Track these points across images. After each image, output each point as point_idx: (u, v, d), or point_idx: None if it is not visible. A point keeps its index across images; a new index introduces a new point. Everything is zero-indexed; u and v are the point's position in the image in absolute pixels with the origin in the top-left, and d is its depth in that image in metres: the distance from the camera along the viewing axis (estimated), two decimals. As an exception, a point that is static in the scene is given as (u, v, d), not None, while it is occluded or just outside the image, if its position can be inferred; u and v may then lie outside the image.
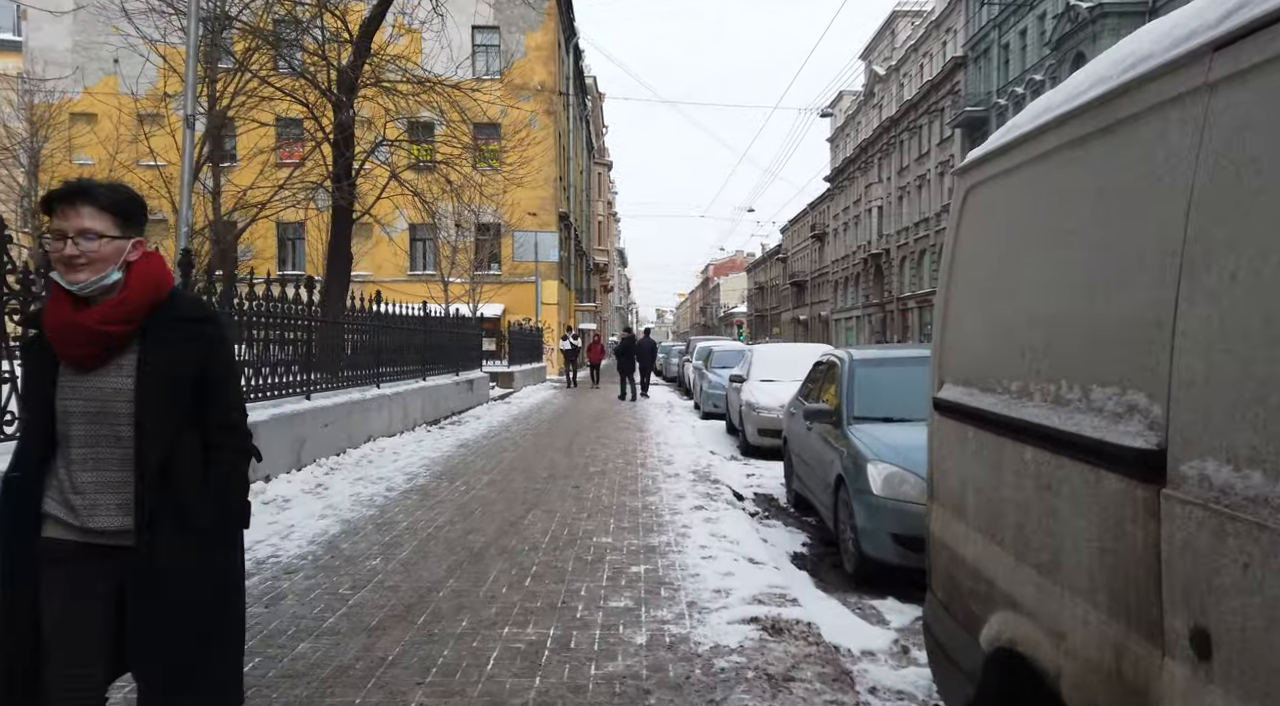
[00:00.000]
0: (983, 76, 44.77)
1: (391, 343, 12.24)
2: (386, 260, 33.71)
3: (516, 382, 23.31)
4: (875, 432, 5.68)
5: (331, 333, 9.75)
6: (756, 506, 7.97)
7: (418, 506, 7.01)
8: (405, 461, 9.49)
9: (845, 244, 71.28)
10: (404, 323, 12.72)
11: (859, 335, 67.06)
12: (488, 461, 9.72)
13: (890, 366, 6.65)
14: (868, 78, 65.19)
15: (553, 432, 13.06)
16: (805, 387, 8.05)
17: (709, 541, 5.81)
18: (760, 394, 11.61)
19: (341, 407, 9.36)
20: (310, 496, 7.33)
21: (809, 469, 6.87)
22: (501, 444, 11.50)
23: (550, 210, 35.86)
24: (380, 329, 11.54)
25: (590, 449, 11.02)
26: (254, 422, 7.49)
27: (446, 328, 15.63)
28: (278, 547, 5.53)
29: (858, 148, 67.06)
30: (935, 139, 51.37)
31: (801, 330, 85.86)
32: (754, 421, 11.33)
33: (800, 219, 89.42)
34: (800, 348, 14.48)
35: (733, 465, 10.55)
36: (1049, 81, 37.48)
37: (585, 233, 53.76)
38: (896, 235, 58.44)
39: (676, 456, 10.37)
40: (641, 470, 9.19)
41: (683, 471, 9.13)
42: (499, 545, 5.69)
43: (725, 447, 12.45)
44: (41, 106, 28.32)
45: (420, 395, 12.94)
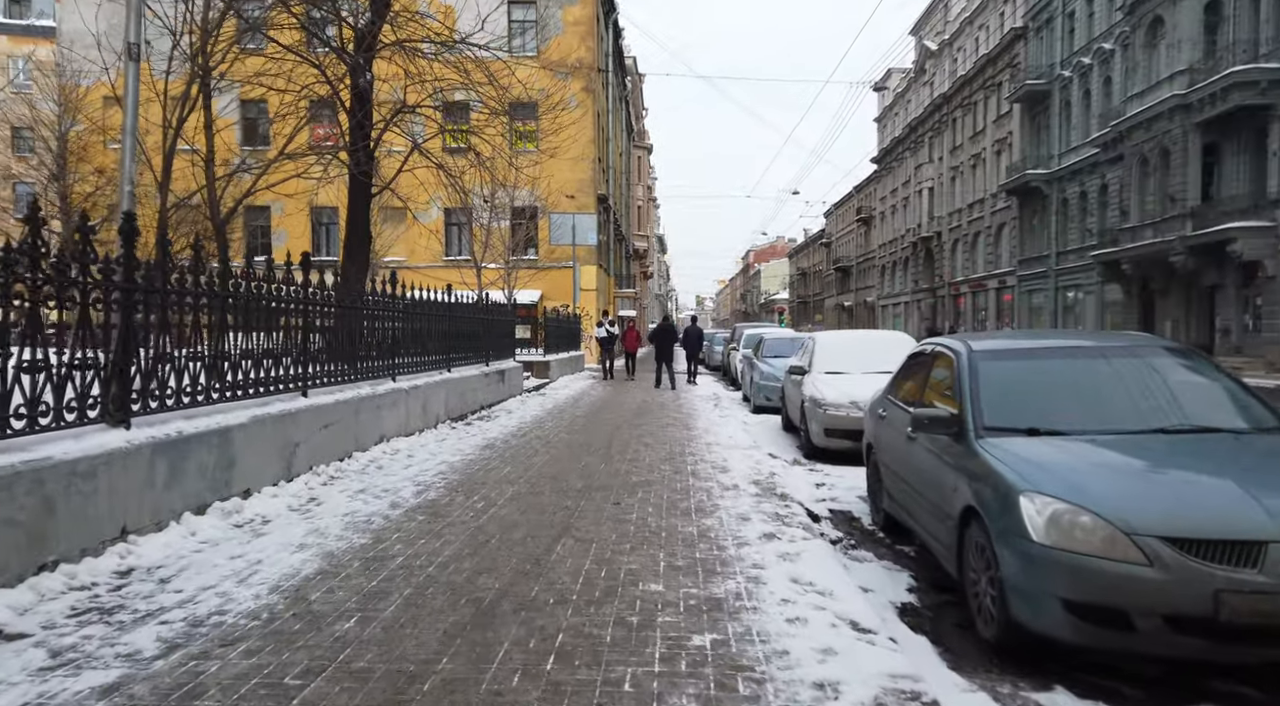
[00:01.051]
0: (1045, 47, 42.38)
1: (410, 331, 10.97)
2: (420, 245, 32.66)
3: (553, 372, 22.06)
4: (1022, 450, 4.21)
5: (338, 319, 8.48)
6: (837, 529, 6.53)
7: (422, 532, 5.69)
8: (419, 467, 8.21)
9: (893, 227, 68.99)
10: (426, 308, 11.45)
11: (907, 321, 64.84)
12: (514, 468, 8.40)
13: (1030, 360, 5.13)
14: (918, 54, 62.69)
15: (590, 430, 11.72)
16: (895, 385, 6.58)
17: (791, 591, 4.41)
18: (826, 388, 10.14)
19: (346, 405, 8.09)
20: (296, 516, 6.06)
21: (911, 491, 5.42)
22: (532, 444, 10.18)
23: (588, 192, 34.51)
24: (397, 315, 10.27)
25: (632, 451, 9.66)
26: (226, 426, 6.28)
27: (475, 314, 14.36)
28: (228, 598, 4.23)
29: (907, 127, 64.67)
30: (991, 115, 49.03)
31: (846, 317, 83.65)
32: (820, 420, 9.87)
33: (845, 202, 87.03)
34: (870, 335, 12.97)
35: (797, 472, 9.11)
36: (1120, 50, 35.15)
37: (625, 217, 52.35)
38: (948, 217, 56.14)
39: (732, 461, 8.96)
40: (693, 480, 7.80)
41: (742, 482, 7.72)
42: (516, 595, 4.34)
43: (785, 449, 11.00)
44: (68, 86, 27.61)
45: (444, 388, 11.68)
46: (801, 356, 12.19)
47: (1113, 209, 35.85)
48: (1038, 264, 43.26)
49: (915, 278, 62.90)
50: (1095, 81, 37.57)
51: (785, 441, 11.80)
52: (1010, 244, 46.94)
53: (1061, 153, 40.86)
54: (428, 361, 11.55)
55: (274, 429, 6.65)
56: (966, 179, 53.34)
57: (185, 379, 5.71)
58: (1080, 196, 39.17)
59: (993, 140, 48.84)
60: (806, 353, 11.88)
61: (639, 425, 12.36)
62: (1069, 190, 40.12)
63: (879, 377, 10.36)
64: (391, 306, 10.04)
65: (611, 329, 24.47)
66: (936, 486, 4.83)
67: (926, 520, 5.08)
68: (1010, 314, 46.90)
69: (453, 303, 12.58)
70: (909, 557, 5.80)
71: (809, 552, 5.19)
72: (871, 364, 10.74)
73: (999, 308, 48.90)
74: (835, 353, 11.20)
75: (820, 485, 8.41)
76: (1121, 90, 34.90)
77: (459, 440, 10.33)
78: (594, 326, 25.94)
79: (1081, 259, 38.48)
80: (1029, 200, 43.94)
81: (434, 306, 11.82)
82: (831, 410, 9.78)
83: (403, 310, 10.43)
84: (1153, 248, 30.51)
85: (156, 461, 5.07)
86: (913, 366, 6.32)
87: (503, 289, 27.54)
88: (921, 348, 6.23)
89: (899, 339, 11.82)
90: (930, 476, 4.97)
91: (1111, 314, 36.52)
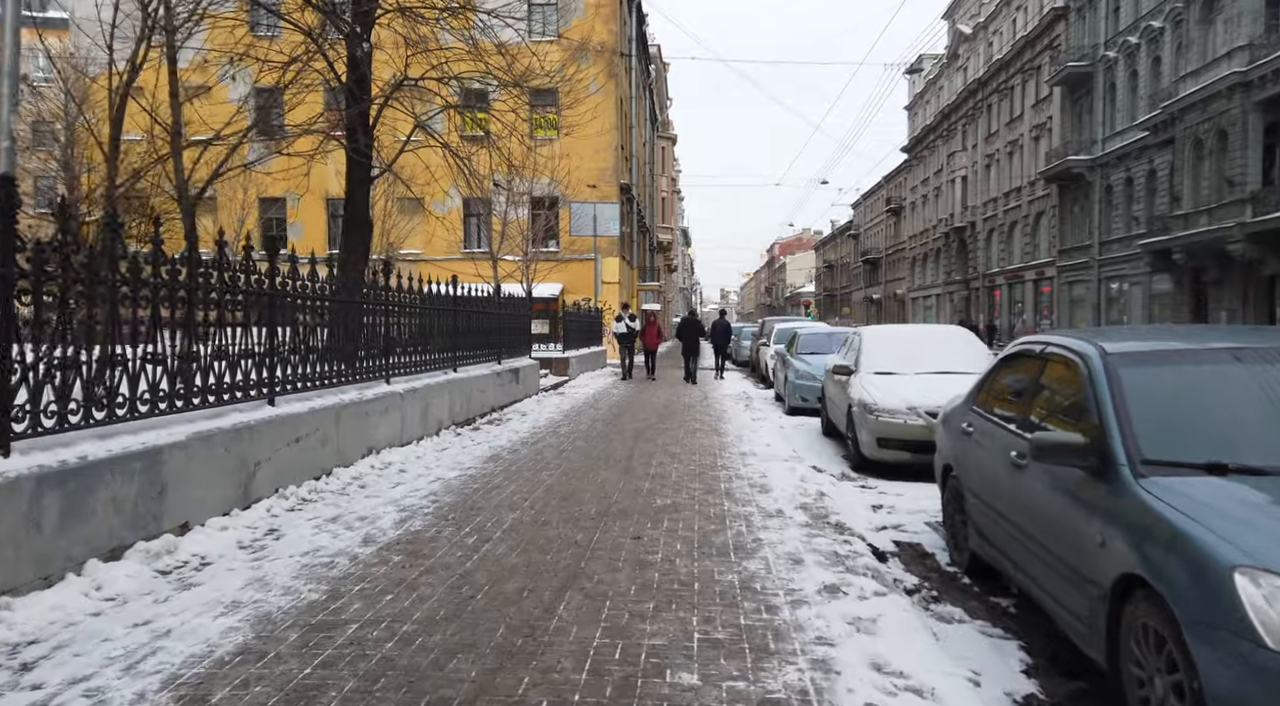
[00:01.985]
0: (1087, 28, 40.52)
1: (409, 327, 9.84)
2: (437, 237, 31.60)
3: (572, 369, 20.91)
4: (1210, 497, 2.96)
5: (317, 314, 7.35)
6: (910, 572, 5.28)
7: (391, 582, 4.53)
8: (409, 486, 7.06)
9: (924, 218, 67.13)
10: (427, 302, 10.31)
11: (939, 314, 63.05)
12: (519, 486, 7.22)
13: (1192, 366, 3.81)
14: (951, 38, 60.78)
15: (609, 436, 10.54)
16: (984, 394, 5.31)
17: (875, 688, 3.19)
18: (878, 392, 8.87)
19: (324, 414, 6.96)
20: (243, 557, 4.93)
21: (1018, 535, 4.17)
22: (543, 454, 9.00)
23: (611, 181, 33.32)
24: (391, 310, 9.12)
25: (657, 463, 8.46)
26: (155, 447, 4.78)
27: (486, 308, 13.21)
28: (97, 703, 3.08)
29: (939, 114, 62.77)
30: (1030, 100, 47.16)
31: (875, 310, 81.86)
32: (871, 428, 8.60)
33: (874, 193, 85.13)
34: (924, 330, 11.64)
35: (848, 490, 7.85)
36: (1170, 27, 33.32)
37: (648, 209, 51.11)
38: (983, 207, 54.31)
39: (772, 476, 7.73)
40: (729, 502, 6.59)
41: (786, 505, 6.50)
42: (496, 695, 3.16)
43: (829, 459, 9.75)
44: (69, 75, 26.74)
45: (448, 390, 10.54)
46: (846, 354, 10.91)
47: (1162, 195, 34.05)
48: (1079, 254, 41.46)
49: (947, 269, 61.10)
50: (1143, 62, 35.73)
51: (828, 449, 10.54)
52: (1049, 233, 45.12)
53: (1106, 137, 39.02)
54: (430, 361, 10.41)
55: (226, 446, 5.52)
56: (1002, 167, 51.48)
57: (99, 390, 4.58)
58: (1126, 183, 37.35)
59: (1031, 126, 46.97)
60: (852, 350, 10.60)
61: (664, 430, 11.16)
62: (1114, 176, 38.29)
63: (938, 379, 9.13)
64: (385, 300, 8.89)
65: (631, 323, 22.25)
66: (1065, 536, 3.58)
67: (1046, 577, 3.83)
68: (1050, 306, 45.11)
69: (459, 296, 11.43)
70: (1010, 615, 4.56)
71: (887, 616, 3.97)
72: (928, 363, 9.48)
73: (1037, 300, 47.11)
74: (886, 350, 9.91)
75: (878, 507, 7.16)
76: (1172, 70, 33.08)
77: (461, 450, 9.18)
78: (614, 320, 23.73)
79: (1127, 248, 36.69)
80: (1070, 187, 42.12)
81: (437, 300, 10.68)
82: (885, 417, 8.52)
83: (399, 304, 9.28)
84: (1208, 235, 28.78)
85: (44, 497, 3.95)
86: (1010, 371, 5.05)
87: (521, 282, 26.45)
88: (1022, 347, 4.94)
89: (958, 334, 10.50)
90: (1054, 521, 3.72)
91: (1160, 306, 34.75)
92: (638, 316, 23.70)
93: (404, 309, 9.55)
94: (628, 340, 22.00)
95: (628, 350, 22.01)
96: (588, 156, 32.74)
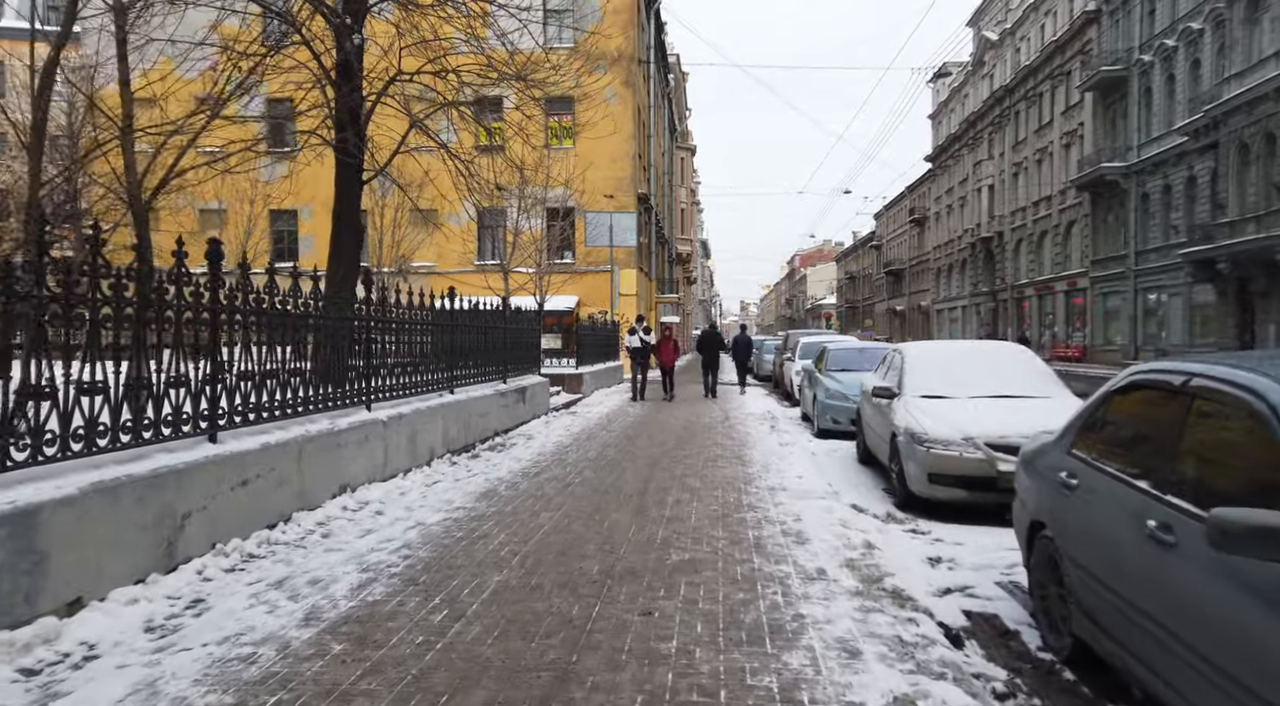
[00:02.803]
0: (1121, 31, 39.21)
1: (396, 345, 8.81)
2: (450, 249, 30.71)
3: (586, 386, 19.84)
4: None
5: (274, 333, 6.32)
6: (994, 663, 4.13)
7: (317, 694, 3.45)
8: (382, 535, 5.99)
9: (949, 228, 65.72)
10: (417, 317, 9.29)
11: (965, 326, 61.53)
12: (511, 533, 6.14)
13: None
14: (977, 45, 59.52)
15: (621, 465, 9.45)
16: (1090, 435, 4.17)
17: None
18: (927, 419, 7.73)
19: (282, 449, 5.92)
20: (145, 644, 3.87)
21: (1169, 640, 3.03)
22: (544, 489, 7.92)
23: (628, 191, 32.33)
24: (368, 326, 8.09)
25: (673, 501, 7.36)
26: (28, 507, 3.23)
27: (490, 323, 12.18)
28: None
29: (964, 122, 61.46)
30: (1060, 106, 45.81)
31: (898, 322, 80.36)
32: (921, 461, 7.46)
33: (897, 203, 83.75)
34: (974, 348, 10.45)
35: (898, 537, 6.68)
36: (1211, 28, 31.96)
37: (667, 219, 50.12)
38: (1010, 216, 52.90)
39: (808, 519, 6.62)
40: (759, 558, 5.48)
41: (829, 561, 5.39)
42: None
43: (870, 493, 8.60)
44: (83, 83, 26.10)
45: (443, 414, 9.50)
46: (886, 373, 9.76)
47: (1203, 203, 32.60)
48: (1114, 264, 39.99)
49: (974, 280, 59.63)
50: (1181, 65, 34.38)
51: (865, 479, 9.39)
52: (1081, 243, 43.65)
53: (1141, 144, 37.62)
54: (422, 382, 9.37)
55: (141, 496, 4.48)
56: (1031, 175, 50.08)
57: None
58: (1164, 190, 35.91)
59: (1061, 133, 45.60)
60: (893, 369, 9.44)
61: (682, 458, 10.06)
62: (1150, 184, 36.86)
63: (997, 405, 7.97)
64: (366, 316, 7.86)
65: (646, 338, 20.38)
66: (1265, 661, 2.45)
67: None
68: (1083, 318, 43.60)
69: (456, 310, 10.39)
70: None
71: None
72: (983, 385, 8.33)
73: (1069, 311, 45.59)
74: (933, 370, 8.75)
75: (936, 561, 6.01)
76: (1213, 72, 31.73)
77: (454, 483, 8.11)
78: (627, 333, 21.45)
79: (1166, 258, 35.23)
80: (1103, 196, 40.68)
81: (432, 314, 9.66)
82: (937, 449, 7.37)
83: (381, 320, 8.25)
84: (1256, 244, 27.36)
85: None
86: (1129, 408, 3.90)
87: (534, 294, 25.48)
88: (1147, 377, 3.78)
89: (1015, 353, 9.32)
90: (1242, 635, 2.58)
91: (1202, 317, 33.24)
92: (653, 330, 21.81)
93: (390, 325, 8.53)
94: (641, 356, 20.28)
95: (640, 366, 20.10)
96: (604, 165, 31.79)
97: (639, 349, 20.15)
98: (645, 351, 20.23)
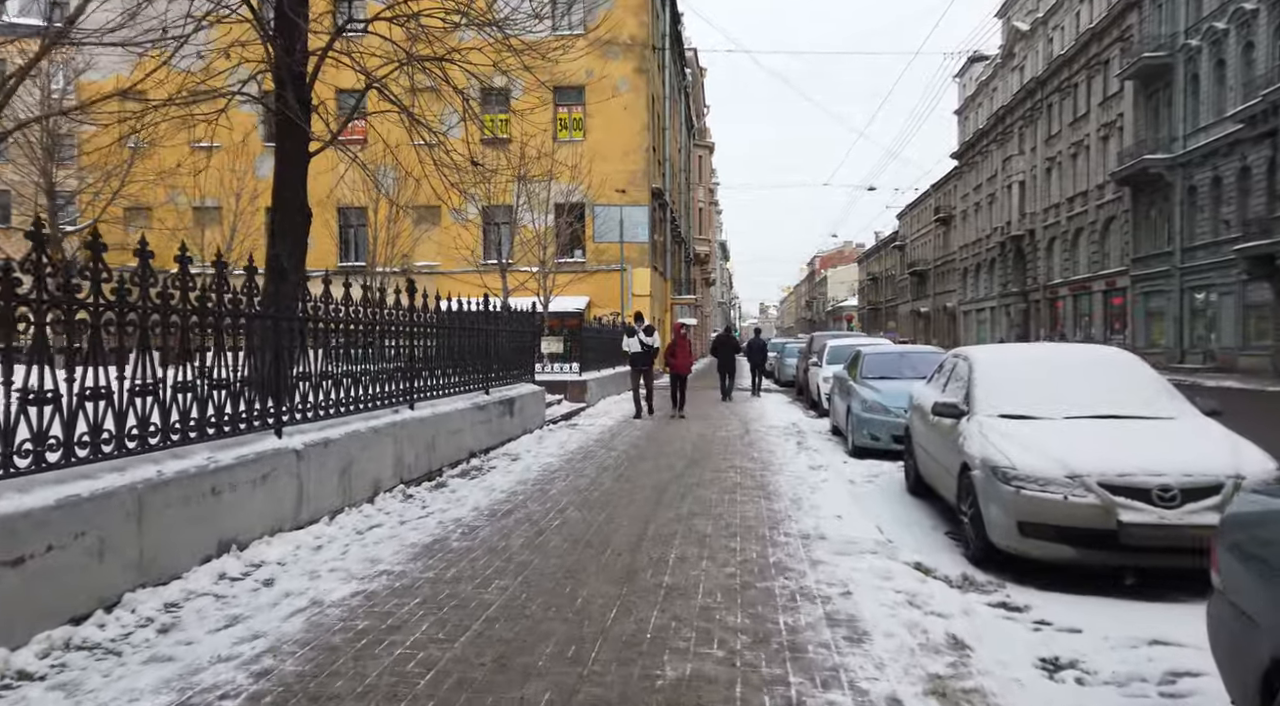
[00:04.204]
0: (1164, 15, 36.95)
1: (336, 351, 7.01)
2: (452, 248, 28.93)
3: (591, 395, 17.99)
4: None
5: (120, 335, 4.52)
6: None
7: None
8: (248, 627, 4.12)
9: (976, 226, 63.41)
10: (371, 318, 7.49)
11: (993, 328, 59.18)
12: (435, 624, 4.28)
13: None
14: (1006, 37, 57.23)
15: (615, 501, 7.59)
16: None
17: None
18: (1014, 447, 5.81)
19: (101, 506, 4.09)
20: None
21: None
22: (508, 540, 6.07)
23: (641, 185, 30.47)
24: (293, 328, 6.29)
25: (676, 559, 5.50)
26: None
27: (470, 324, 10.37)
28: None
29: (992, 117, 59.19)
30: (1097, 97, 43.54)
31: (923, 324, 78.04)
32: (1009, 505, 5.54)
33: (921, 202, 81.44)
34: (1063, 352, 8.39)
35: (985, 615, 4.75)
36: (1266, 9, 29.71)
37: (684, 219, 48.23)
38: (1043, 214, 50.62)
39: (859, 594, 4.76)
40: (796, 672, 3.62)
41: (902, 682, 3.55)
42: None
43: (930, 538, 6.70)
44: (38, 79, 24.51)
45: (397, 436, 7.69)
46: (946, 384, 7.83)
47: (1258, 195, 30.34)
48: (1157, 261, 37.69)
49: (1003, 281, 57.31)
50: (1232, 49, 32.13)
51: (922, 518, 7.48)
52: (1121, 240, 41.36)
53: (1188, 134, 35.36)
54: (367, 397, 7.55)
55: None
56: (1065, 170, 47.80)
57: None
58: (1213, 182, 33.63)
59: (1098, 125, 43.32)
60: (957, 380, 7.50)
61: (692, 487, 8.19)
62: (1198, 176, 34.58)
63: (1107, 428, 5.99)
64: (268, 315, 6.04)
65: (648, 339, 15.83)
66: None
67: None
68: (1122, 319, 41.28)
69: (415, 307, 8.56)
70: None
71: None
72: (1083, 401, 6.41)
73: (1107, 312, 43.26)
74: (1014, 381, 6.81)
75: (1056, 668, 4.10)
76: (1268, 55, 29.50)
77: (392, 531, 6.28)
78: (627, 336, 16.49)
79: (1215, 254, 32.98)
80: (1146, 189, 38.41)
81: (382, 314, 7.84)
82: (1031, 489, 5.45)
83: (305, 320, 6.43)
84: (1323, 238, 25.14)
85: None
86: None
87: (537, 295, 23.71)
88: None
89: (1116, 358, 7.34)
90: None
91: (1257, 318, 30.96)
92: (655, 328, 16.57)
93: (325, 327, 6.72)
94: (643, 362, 15.92)
95: (642, 374, 15.89)
96: (616, 158, 29.99)
97: (640, 354, 15.91)
98: (648, 356, 16.02)
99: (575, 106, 31.25)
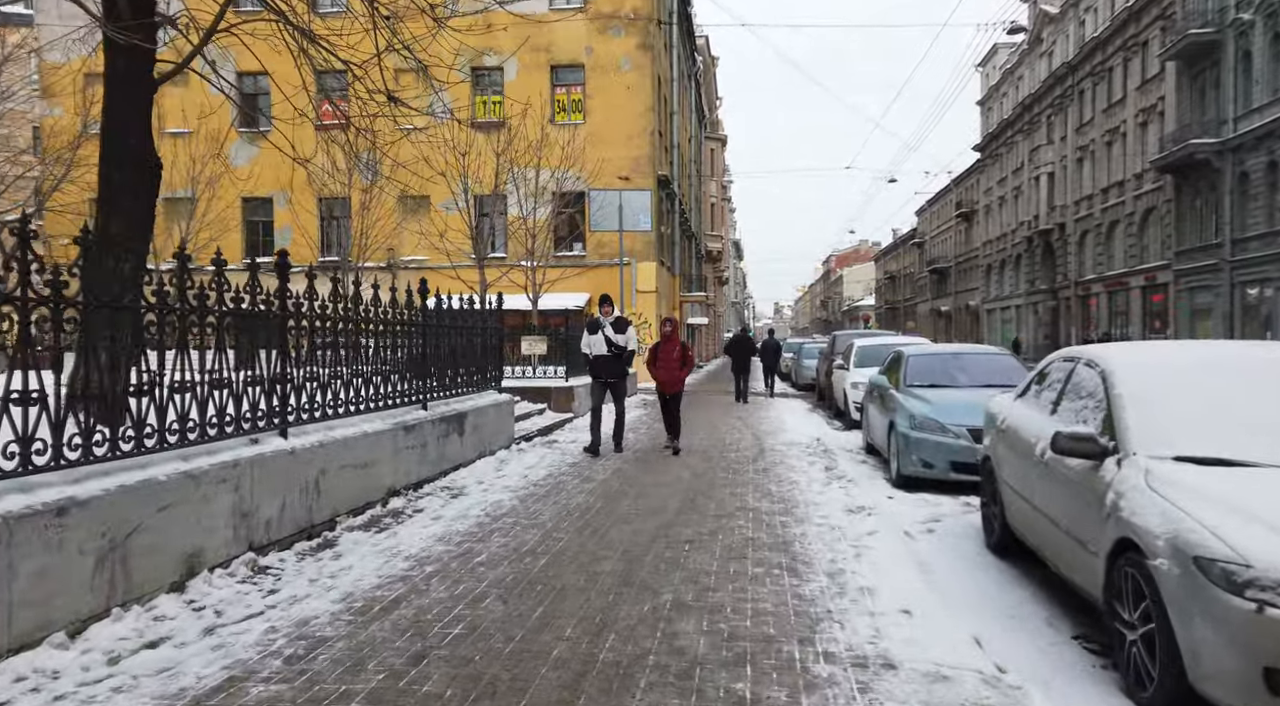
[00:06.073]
0: (1213, -13, 34.05)
1: (163, 354, 4.56)
2: (441, 241, 26.46)
3: (578, 403, 15.47)
4: None
5: None
6: None
7: None
8: None
9: (1001, 221, 60.51)
10: (195, 309, 5.03)
11: (1020, 328, 56.28)
12: None
13: None
14: (1033, 20, 54.35)
15: (564, 579, 5.07)
16: None
17: None
18: (1235, 520, 3.27)
19: None
20: None
21: None
22: (362, 680, 3.60)
23: (646, 171, 27.94)
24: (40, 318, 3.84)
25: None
26: None
27: (389, 320, 7.87)
28: None
29: (1019, 106, 56.33)
30: (1135, 81, 40.67)
31: (943, 323, 75.09)
32: (1241, 631, 3.01)
33: (941, 197, 78.49)
34: (1249, 351, 5.55)
35: None
36: (1334, -28, 26.83)
37: (694, 213, 45.68)
38: (1074, 206, 47.74)
39: None
40: None
41: None
42: None
43: (1057, 652, 4.17)
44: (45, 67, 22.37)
45: (242, 480, 5.21)
46: (1061, 403, 5.22)
47: (1324, 179, 27.52)
48: (1203, 255, 34.82)
49: (1030, 277, 54.43)
50: (1291, 19, 29.32)
51: (1031, 607, 4.93)
52: (1162, 233, 38.47)
53: (1239, 116, 32.50)
54: (193, 424, 5.07)
55: None
56: (1098, 159, 44.92)
57: None
58: (1268, 167, 30.79)
59: (1136, 110, 40.45)
60: (1081, 396, 4.90)
61: (682, 557, 5.66)
62: (1251, 161, 31.73)
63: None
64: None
65: (619, 338, 10.50)
66: None
67: None
68: (1164, 317, 38.39)
69: (300, 298, 6.09)
70: None
71: None
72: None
73: (1146, 310, 40.36)
74: (1186, 401, 4.26)
75: None
76: (1337, 24, 26.70)
77: (170, 655, 3.80)
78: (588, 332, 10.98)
79: (1271, 245, 30.17)
80: (1191, 177, 35.54)
81: (240, 303, 5.37)
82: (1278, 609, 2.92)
83: (71, 303, 3.98)
84: None
85: None
86: None
87: (526, 290, 21.31)
88: None
89: None
90: None
91: (1323, 316, 28.13)
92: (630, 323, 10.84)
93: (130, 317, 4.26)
94: (608, 370, 10.63)
95: (602, 388, 10.70)
96: (619, 142, 27.49)
97: (605, 359, 10.56)
98: (618, 361, 10.61)
99: (574, 87, 28.81)
